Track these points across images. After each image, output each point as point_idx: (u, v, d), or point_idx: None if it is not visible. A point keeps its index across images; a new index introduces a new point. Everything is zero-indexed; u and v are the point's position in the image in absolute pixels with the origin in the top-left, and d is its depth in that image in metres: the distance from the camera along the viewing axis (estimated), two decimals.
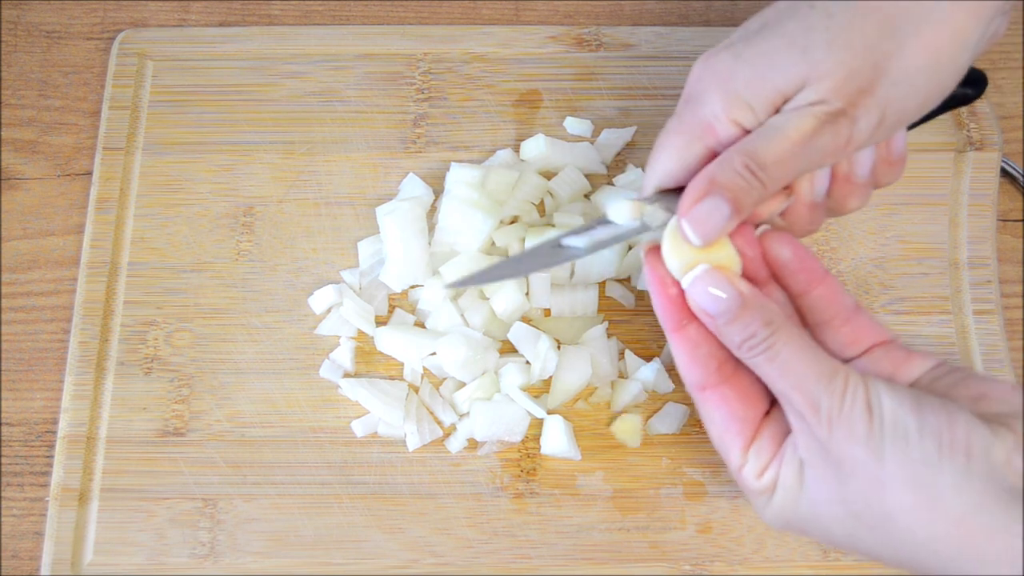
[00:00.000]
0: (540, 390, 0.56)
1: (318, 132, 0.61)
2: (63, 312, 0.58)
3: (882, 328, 0.44)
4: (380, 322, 0.57)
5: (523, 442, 0.55)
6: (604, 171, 0.60)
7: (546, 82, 0.63)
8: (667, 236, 0.42)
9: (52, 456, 0.55)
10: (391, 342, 0.56)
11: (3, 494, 0.55)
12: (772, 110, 0.41)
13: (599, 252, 0.46)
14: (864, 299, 0.58)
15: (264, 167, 0.61)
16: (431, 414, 0.55)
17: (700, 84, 0.42)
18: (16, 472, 0.55)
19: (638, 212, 0.43)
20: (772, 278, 0.44)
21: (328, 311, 0.57)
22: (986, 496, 0.37)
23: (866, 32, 0.40)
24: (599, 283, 0.58)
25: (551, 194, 0.59)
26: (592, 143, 0.61)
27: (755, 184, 0.41)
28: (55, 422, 0.55)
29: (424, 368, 0.56)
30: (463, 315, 0.56)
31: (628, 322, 0.57)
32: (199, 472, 0.54)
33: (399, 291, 0.57)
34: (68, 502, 0.53)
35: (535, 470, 0.54)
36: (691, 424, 0.55)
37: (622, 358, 0.56)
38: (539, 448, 0.54)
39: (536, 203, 0.59)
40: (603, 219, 0.44)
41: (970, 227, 0.59)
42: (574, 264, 0.57)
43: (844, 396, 0.39)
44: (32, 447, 0.56)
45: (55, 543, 0.52)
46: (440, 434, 0.55)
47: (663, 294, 0.43)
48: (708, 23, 0.65)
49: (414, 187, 0.59)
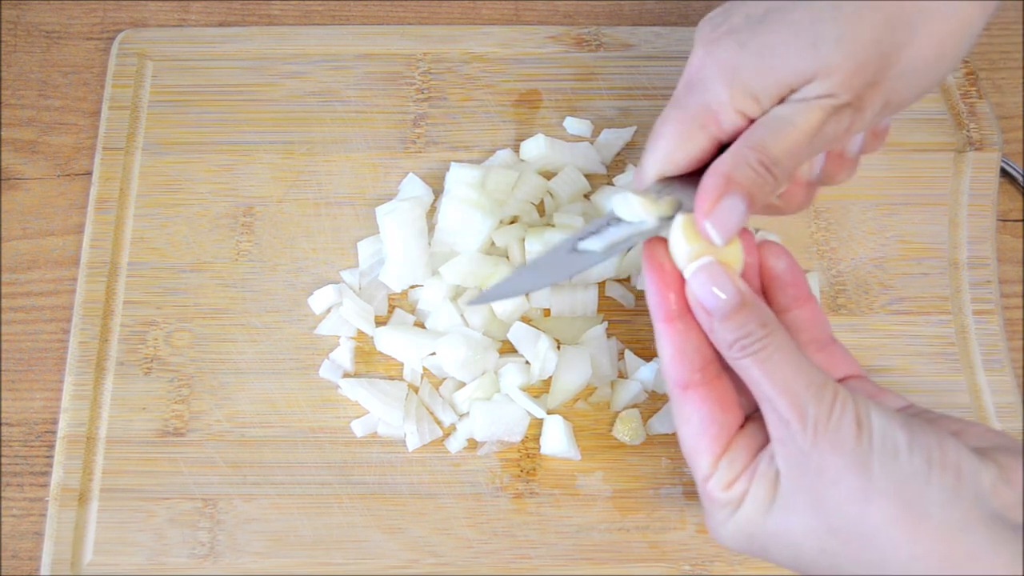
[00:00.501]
0: (540, 390, 0.56)
1: (318, 132, 0.61)
2: (63, 312, 0.58)
3: (855, 363, 0.44)
4: (380, 322, 0.57)
5: (523, 442, 0.55)
6: (604, 171, 0.60)
7: (546, 82, 0.63)
8: (677, 228, 0.41)
9: (52, 456, 0.55)
10: (391, 342, 0.56)
11: (3, 494, 0.55)
12: (777, 101, 0.41)
13: None
14: (864, 299, 0.58)
15: (264, 167, 0.61)
16: (431, 414, 0.55)
17: (703, 71, 0.42)
18: (16, 472, 0.55)
19: (649, 206, 0.42)
20: (761, 291, 0.44)
21: (328, 311, 0.57)
22: (973, 517, 0.36)
23: (875, 25, 0.39)
24: (599, 283, 0.58)
25: (551, 194, 0.59)
26: (592, 143, 0.61)
27: (769, 180, 0.40)
28: (55, 422, 0.55)
29: (424, 368, 0.56)
30: (463, 315, 0.56)
31: (628, 322, 0.57)
32: (199, 472, 0.54)
33: (399, 291, 0.57)
34: (68, 502, 0.53)
35: (535, 470, 0.54)
36: None
37: (622, 358, 0.56)
38: (539, 448, 0.54)
39: (536, 203, 0.59)
40: (611, 217, 0.43)
41: (970, 227, 0.59)
42: None
43: (833, 406, 0.38)
44: (32, 447, 0.56)
45: (55, 543, 0.52)
46: (440, 434, 0.55)
47: (660, 281, 0.42)
48: None
49: (414, 187, 0.59)
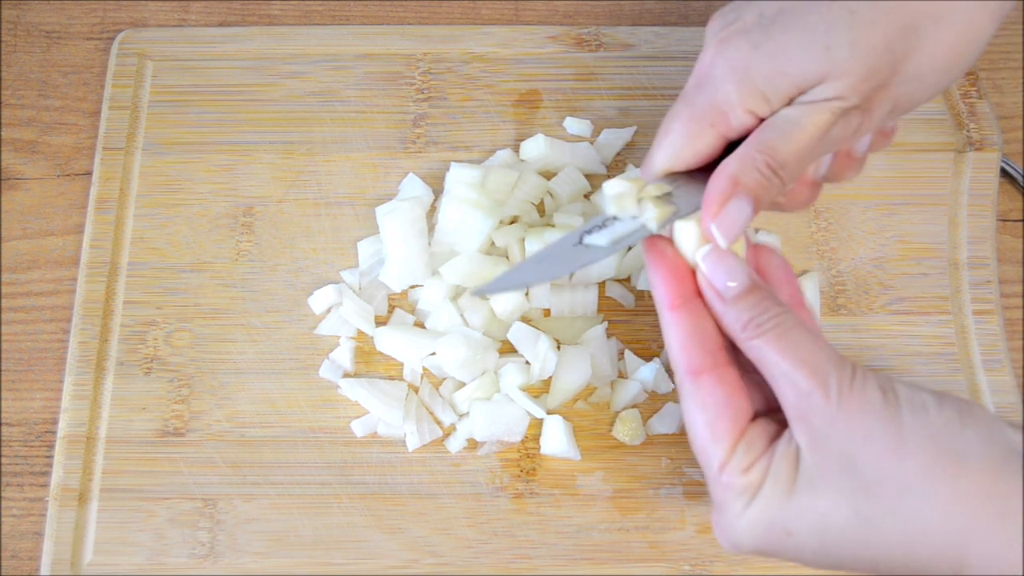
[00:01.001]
0: (540, 390, 0.56)
1: (318, 132, 0.61)
2: (63, 312, 0.58)
3: None
4: (380, 322, 0.57)
5: (523, 442, 0.55)
6: (604, 171, 0.60)
7: (546, 82, 0.63)
8: (683, 226, 0.42)
9: (52, 456, 0.55)
10: (391, 342, 0.56)
11: (3, 494, 0.55)
12: (786, 101, 0.41)
13: None
14: (864, 299, 0.58)
15: (264, 167, 0.61)
16: (431, 414, 0.55)
17: (715, 70, 0.42)
18: (16, 472, 0.55)
19: (639, 190, 0.43)
20: None
21: (328, 311, 0.57)
22: (1013, 458, 0.36)
23: (888, 31, 0.40)
24: (599, 283, 0.58)
25: (551, 194, 0.59)
26: (592, 143, 0.61)
27: (775, 182, 0.41)
28: (55, 422, 0.55)
29: (424, 368, 0.56)
30: (463, 315, 0.56)
31: (628, 322, 0.57)
32: (199, 472, 0.54)
33: (399, 291, 0.57)
34: (68, 502, 0.53)
35: (535, 470, 0.54)
36: None
37: (622, 358, 0.56)
38: (539, 448, 0.54)
39: (536, 203, 0.59)
40: (613, 215, 0.44)
41: (970, 227, 0.59)
42: None
43: (855, 374, 0.38)
44: (32, 447, 0.56)
45: (55, 543, 0.52)
46: (440, 434, 0.55)
47: (664, 268, 0.42)
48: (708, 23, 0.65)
49: (414, 187, 0.59)
